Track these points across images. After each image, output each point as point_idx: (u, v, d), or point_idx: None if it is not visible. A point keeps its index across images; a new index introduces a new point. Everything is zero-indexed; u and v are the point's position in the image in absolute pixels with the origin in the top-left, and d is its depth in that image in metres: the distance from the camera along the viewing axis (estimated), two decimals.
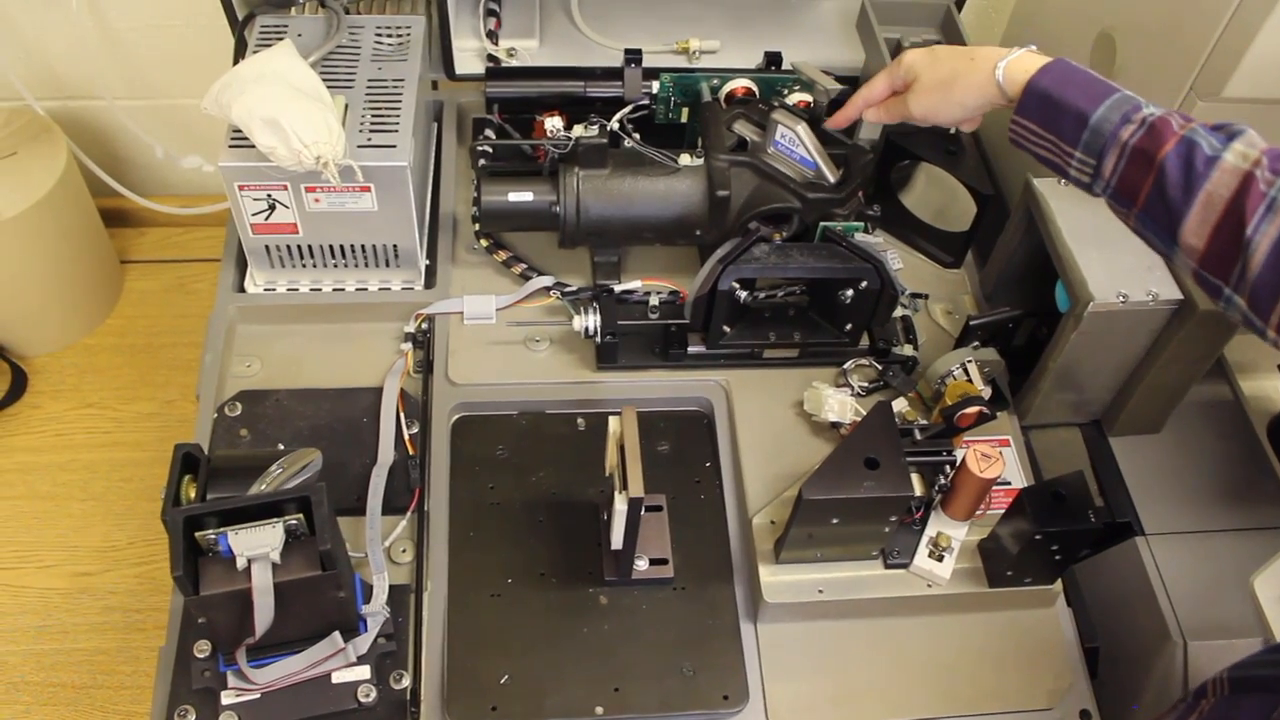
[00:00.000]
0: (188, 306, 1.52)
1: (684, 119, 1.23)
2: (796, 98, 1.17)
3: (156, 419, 1.40)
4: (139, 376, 1.44)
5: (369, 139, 1.06)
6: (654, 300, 1.11)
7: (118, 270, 1.53)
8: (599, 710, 0.93)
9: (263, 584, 0.83)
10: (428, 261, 1.18)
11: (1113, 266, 1.03)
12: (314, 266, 1.15)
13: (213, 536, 0.83)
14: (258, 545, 0.82)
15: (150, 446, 1.38)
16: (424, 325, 1.13)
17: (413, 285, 1.16)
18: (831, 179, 1.09)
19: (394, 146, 1.06)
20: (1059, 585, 1.02)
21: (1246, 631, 0.99)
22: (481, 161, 1.14)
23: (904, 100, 0.99)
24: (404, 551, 1.00)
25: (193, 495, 0.91)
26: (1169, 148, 0.79)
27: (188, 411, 1.40)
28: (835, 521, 0.93)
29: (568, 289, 1.15)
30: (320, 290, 1.16)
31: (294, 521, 0.84)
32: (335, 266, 1.14)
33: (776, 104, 1.13)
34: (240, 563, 0.83)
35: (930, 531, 1.01)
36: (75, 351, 1.46)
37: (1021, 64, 0.89)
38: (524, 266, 1.17)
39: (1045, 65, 0.87)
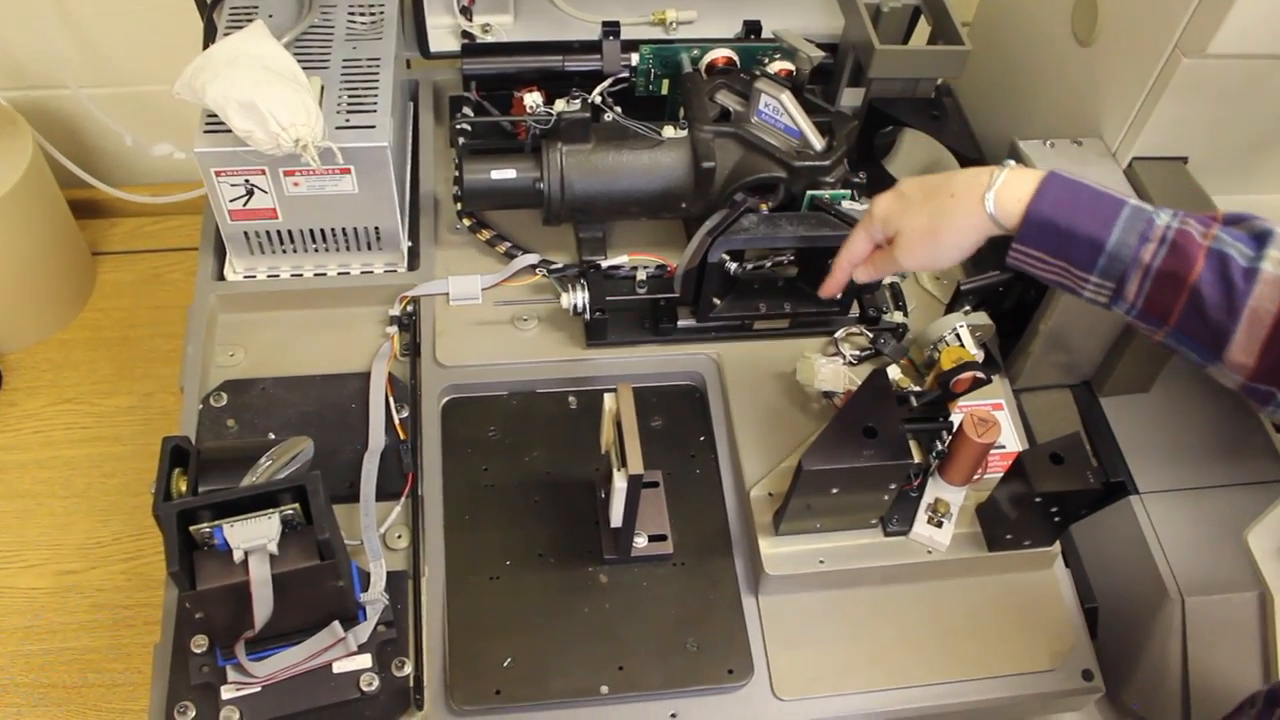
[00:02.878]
0: (163, 297, 1.50)
1: (665, 91, 1.22)
2: (778, 66, 1.16)
3: (136, 412, 1.38)
4: (116, 370, 1.42)
5: (347, 120, 1.05)
6: (641, 275, 1.10)
7: (90, 262, 1.51)
8: (604, 689, 0.93)
9: (261, 576, 0.81)
10: (410, 243, 1.16)
11: None
12: (294, 252, 1.13)
13: (208, 530, 0.82)
14: (255, 537, 0.81)
15: (131, 440, 1.36)
16: (409, 308, 1.12)
17: (396, 268, 1.15)
18: (818, 146, 1.08)
19: (373, 127, 1.04)
20: (1057, 547, 1.02)
21: (1243, 585, 1.00)
22: (461, 140, 1.12)
23: (891, 256, 0.89)
24: (399, 537, 0.99)
25: (183, 489, 0.89)
26: (1199, 267, 0.75)
27: (168, 404, 1.39)
28: (835, 491, 0.93)
29: (554, 266, 1.14)
30: (302, 276, 1.14)
31: (290, 511, 0.83)
32: (316, 251, 1.13)
33: (758, 73, 1.11)
34: (237, 555, 0.81)
35: (928, 498, 1.01)
36: (49, 346, 1.44)
37: (1011, 190, 0.80)
38: (508, 245, 1.16)
39: (1040, 188, 0.79)
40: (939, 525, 1.00)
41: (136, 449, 1.35)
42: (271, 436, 1.01)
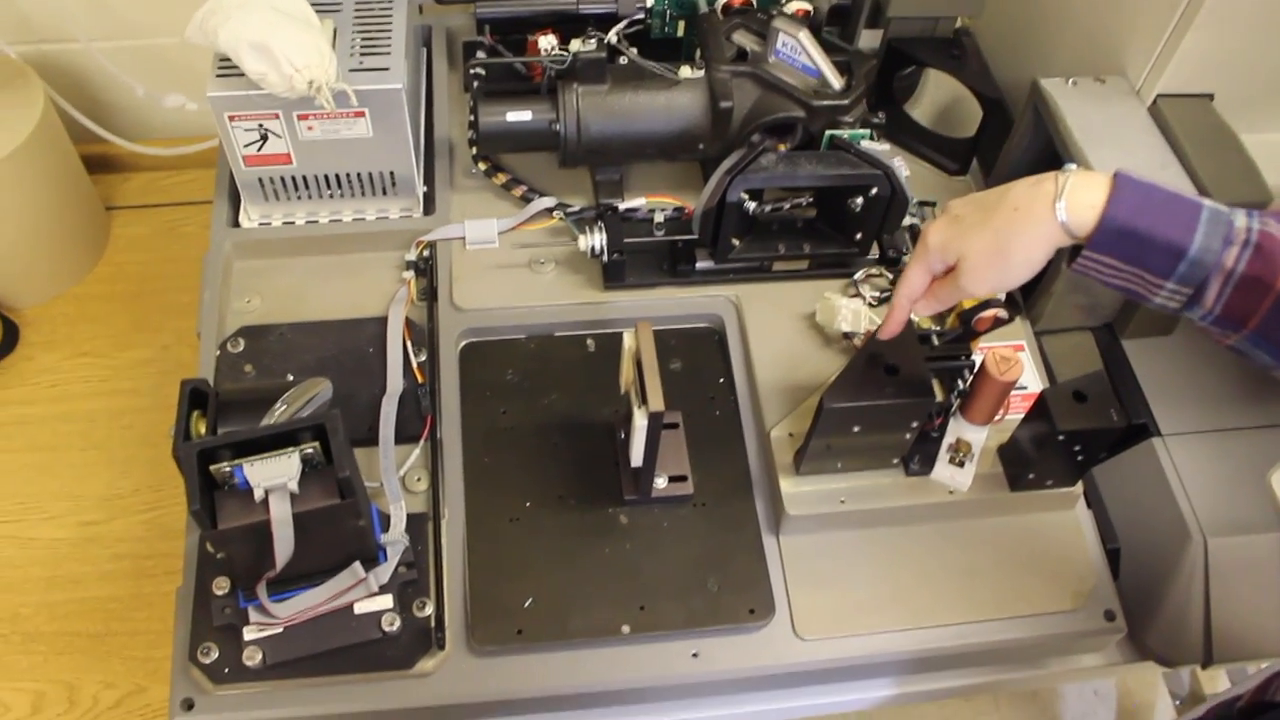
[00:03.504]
0: (178, 250, 1.49)
1: (680, 33, 1.20)
2: (795, 5, 1.14)
3: (153, 365, 1.38)
4: (132, 323, 1.42)
5: (360, 62, 1.04)
6: (659, 217, 1.09)
7: (104, 217, 1.50)
8: (625, 629, 0.93)
9: (281, 515, 0.81)
10: (425, 188, 1.15)
11: (1125, 164, 0.99)
12: (309, 198, 1.12)
13: (228, 469, 0.82)
14: (275, 476, 0.81)
15: (148, 393, 1.36)
16: (425, 252, 1.11)
17: (411, 212, 1.14)
18: (836, 85, 1.07)
19: (387, 69, 1.03)
20: (1080, 487, 1.01)
21: (1266, 527, 0.99)
22: (476, 84, 1.11)
23: (955, 284, 0.84)
24: (419, 480, 0.98)
25: (202, 430, 0.89)
26: None
27: (185, 356, 1.39)
28: (856, 430, 0.92)
29: (570, 209, 1.13)
30: (317, 222, 1.13)
31: (310, 450, 0.82)
32: (331, 197, 1.12)
33: (775, 12, 1.10)
34: (258, 494, 0.81)
35: (950, 438, 1.00)
36: (65, 301, 1.44)
37: (1082, 196, 0.76)
38: (525, 188, 1.15)
39: (1114, 193, 0.75)
40: (960, 465, 1.00)
41: (154, 401, 1.35)
42: (290, 378, 1.01)
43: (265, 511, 0.81)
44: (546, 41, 1.11)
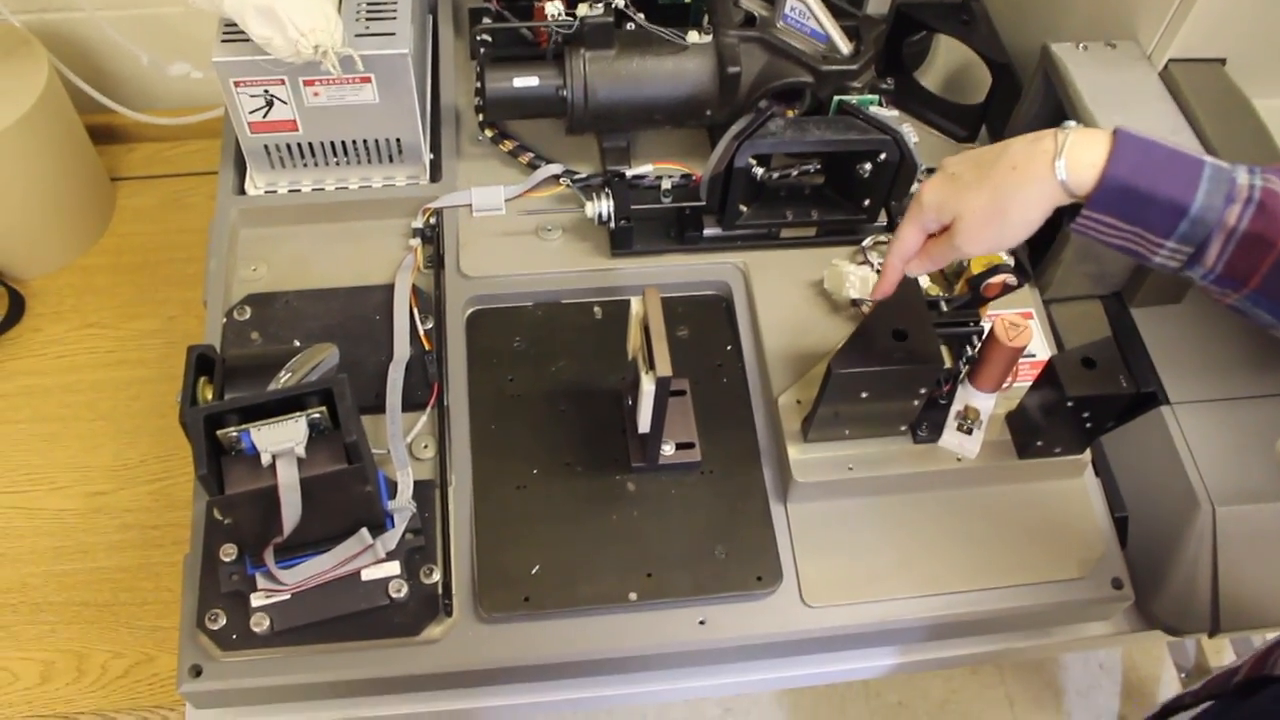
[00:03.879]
0: (183, 221, 1.49)
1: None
2: None
3: (159, 335, 1.38)
4: (138, 294, 1.42)
5: (367, 27, 1.03)
6: (666, 184, 1.08)
7: (109, 188, 1.50)
8: (632, 596, 0.92)
9: (289, 479, 0.81)
10: (432, 155, 1.15)
11: (1136, 130, 1.00)
12: (315, 165, 1.11)
13: (235, 434, 0.81)
14: (282, 440, 0.81)
15: (155, 364, 1.36)
16: (432, 220, 1.10)
17: (418, 180, 1.13)
18: (845, 50, 1.06)
19: (393, 34, 1.02)
20: (1088, 455, 1.01)
21: (1274, 496, 0.99)
22: (482, 50, 1.11)
23: (950, 243, 0.82)
24: (425, 447, 0.98)
25: (209, 396, 0.88)
26: None
27: (191, 327, 1.39)
28: (864, 396, 0.92)
29: (577, 176, 1.13)
30: (323, 189, 1.13)
31: (317, 415, 0.82)
32: (337, 164, 1.11)
33: None
34: (265, 459, 0.81)
35: (958, 405, 1.00)
36: (71, 272, 1.43)
37: (1082, 154, 0.75)
38: (531, 155, 1.14)
39: (1115, 150, 0.74)
40: (968, 433, 0.99)
41: (161, 372, 1.35)
42: (296, 344, 1.01)
43: (272, 477, 0.81)
44: (553, 7, 1.10)
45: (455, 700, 0.95)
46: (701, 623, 0.93)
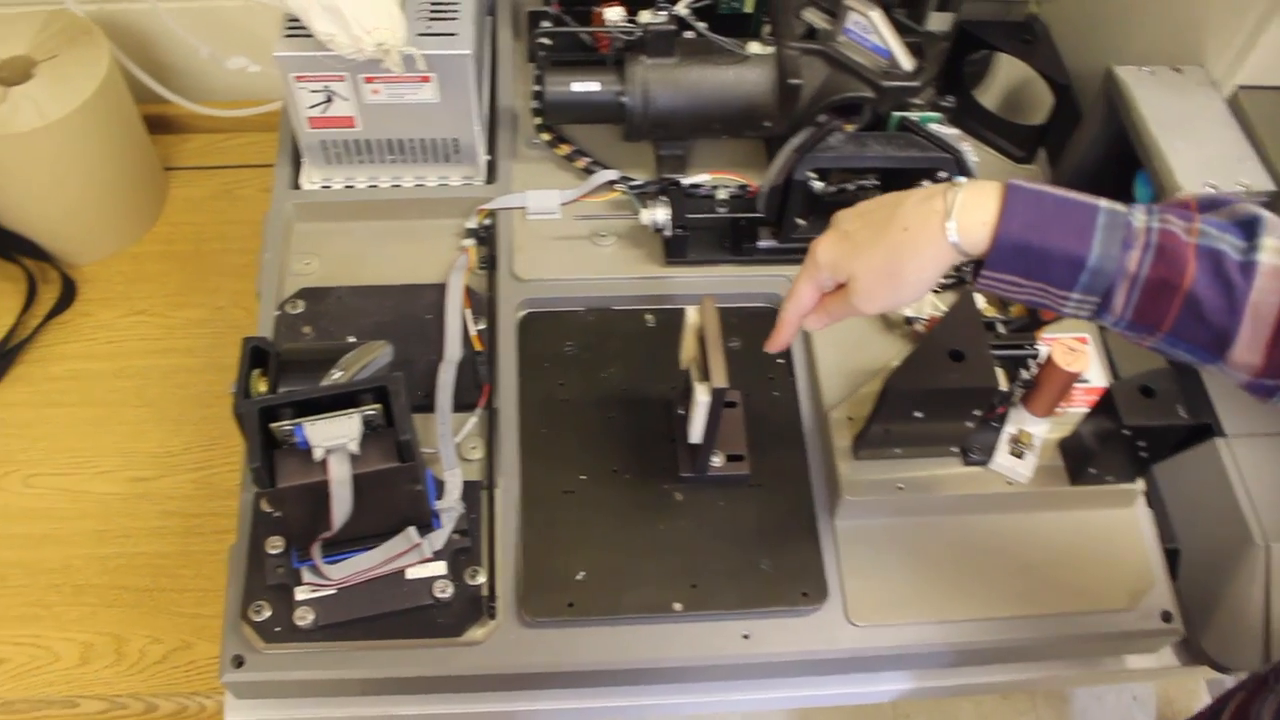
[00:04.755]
0: (234, 213, 1.49)
1: (748, 8, 1.19)
2: None
3: (207, 325, 1.38)
4: (188, 283, 1.42)
5: (429, 27, 1.03)
6: (722, 194, 1.08)
7: (163, 177, 1.51)
8: (677, 606, 0.92)
9: (341, 476, 0.81)
10: (488, 156, 1.15)
11: (1201, 156, 1.00)
12: (371, 162, 1.12)
13: (288, 428, 0.81)
14: (336, 436, 0.81)
15: (202, 353, 1.36)
16: (486, 221, 1.10)
17: (473, 180, 1.14)
18: (907, 66, 1.05)
19: (455, 35, 1.02)
20: (1141, 485, 1.00)
21: None
22: (542, 53, 1.11)
23: (846, 302, 0.81)
24: (474, 449, 0.98)
25: (262, 389, 0.89)
26: (1192, 269, 0.69)
27: (238, 318, 1.39)
28: (918, 415, 0.91)
29: (634, 183, 1.12)
30: (377, 186, 1.13)
31: (371, 412, 0.82)
32: (393, 162, 1.12)
33: None
34: (317, 454, 0.81)
35: (1010, 428, 0.99)
36: (123, 259, 1.44)
37: (972, 214, 0.73)
38: (588, 160, 1.14)
39: (1005, 208, 0.72)
40: (1020, 456, 0.98)
41: (208, 361, 1.35)
42: (351, 340, 1.01)
43: (324, 472, 0.81)
44: (613, 13, 1.10)
45: (494, 703, 0.95)
46: (745, 636, 0.93)
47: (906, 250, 0.76)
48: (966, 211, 0.73)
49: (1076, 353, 0.93)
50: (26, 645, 1.14)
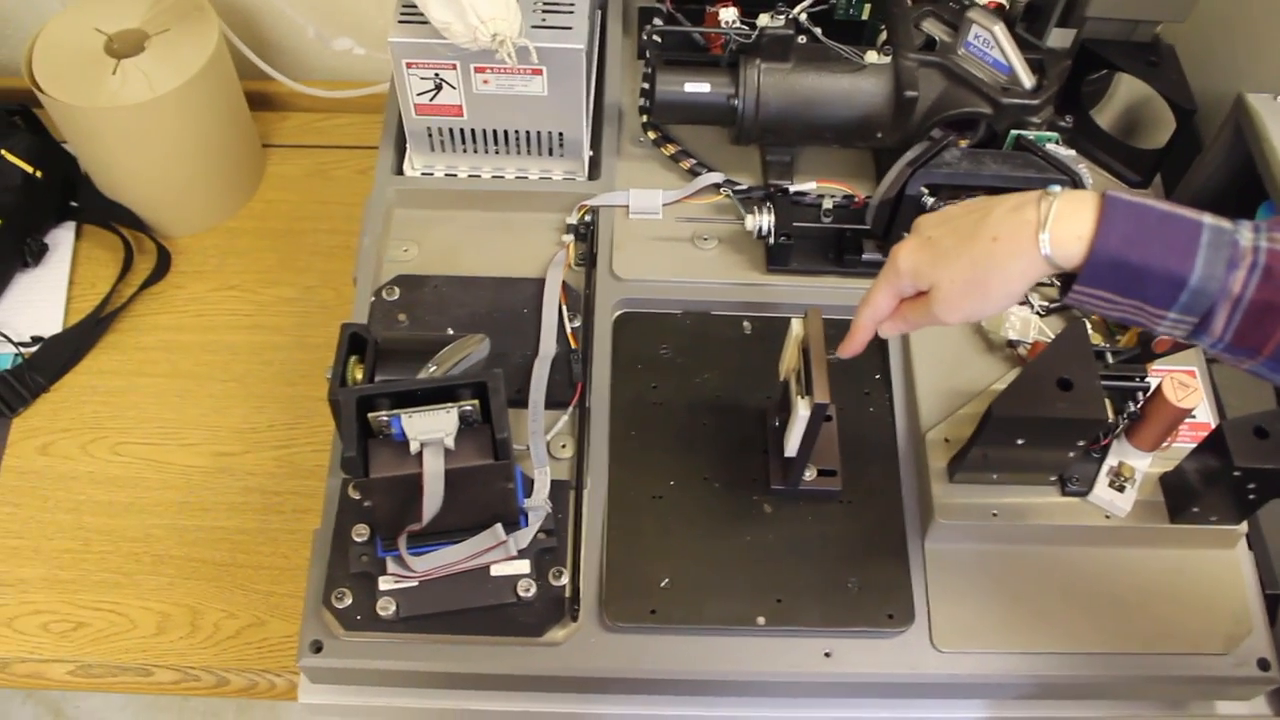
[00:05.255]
0: (328, 193, 1.50)
1: (865, 16, 1.17)
2: None
3: (297, 304, 1.39)
4: (279, 261, 1.43)
5: (543, 19, 1.02)
6: (828, 203, 1.06)
7: (260, 154, 1.52)
8: (760, 620, 0.91)
9: (435, 469, 0.80)
10: (592, 152, 1.14)
11: None
12: (474, 152, 1.11)
13: (385, 419, 0.81)
14: (433, 430, 0.80)
15: (290, 331, 1.37)
16: (587, 217, 1.10)
17: (575, 176, 1.13)
18: (1027, 84, 1.03)
19: (569, 29, 1.02)
20: (1244, 527, 0.96)
21: None
22: (653, 51, 1.09)
23: (927, 311, 0.78)
24: (564, 447, 0.97)
25: (358, 377, 0.88)
26: None
27: (327, 298, 1.39)
28: (1020, 442, 0.89)
29: (738, 187, 1.11)
30: (479, 176, 1.13)
31: (468, 408, 0.82)
32: (496, 153, 1.11)
33: (969, 2, 1.06)
34: (413, 447, 0.80)
35: (1112, 461, 0.96)
36: (217, 234, 1.45)
37: (1068, 226, 0.69)
38: (693, 161, 1.13)
39: (1103, 221, 0.68)
40: (1120, 490, 0.95)
41: (295, 340, 1.36)
42: (450, 332, 1.00)
43: (418, 464, 0.81)
44: (728, 13, 1.08)
45: (570, 704, 0.94)
46: (827, 655, 0.91)
47: (994, 261, 0.73)
48: (1061, 223, 0.70)
49: (1189, 388, 0.90)
50: (106, 611, 1.16)
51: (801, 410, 0.84)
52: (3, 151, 1.29)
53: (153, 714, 1.97)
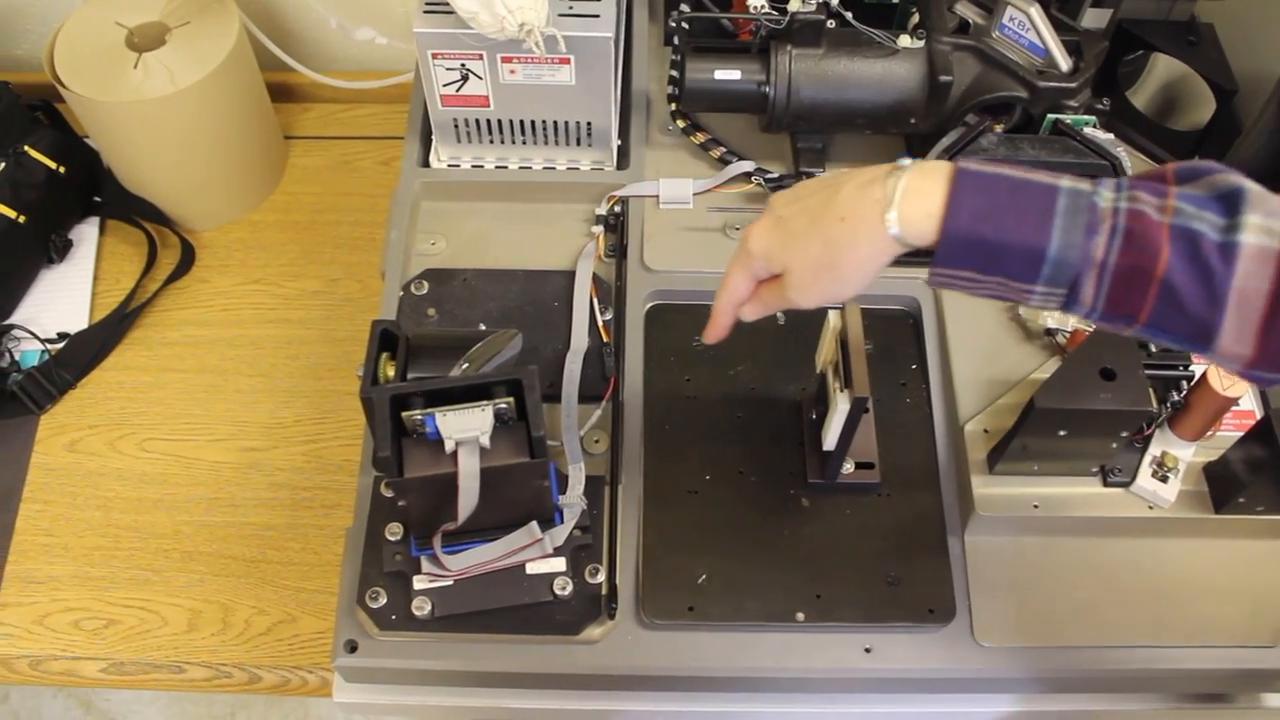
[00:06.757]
0: (351, 184, 1.49)
1: (896, 0, 1.15)
2: None
3: (321, 297, 1.38)
4: (303, 253, 1.42)
5: (570, 7, 1.01)
6: None
7: (283, 146, 1.51)
8: (800, 616, 0.89)
9: (470, 468, 0.79)
10: (620, 142, 1.12)
11: None
12: (501, 142, 1.10)
13: (419, 417, 0.80)
14: (468, 428, 0.79)
15: (315, 324, 1.36)
16: (616, 208, 1.08)
17: (603, 166, 1.11)
18: (1064, 67, 1.01)
19: (597, 16, 1.00)
20: None
21: None
22: (681, 38, 1.08)
23: (782, 294, 0.74)
24: (597, 442, 0.96)
25: (390, 374, 0.87)
26: (1165, 255, 0.61)
27: (352, 290, 1.38)
28: (1062, 434, 0.87)
29: (770, 175, 1.09)
30: (506, 167, 1.11)
31: (503, 405, 0.81)
32: (524, 143, 1.10)
33: None
34: (448, 445, 0.79)
35: (1154, 450, 0.95)
36: (241, 227, 1.44)
37: (916, 204, 0.65)
38: (723, 150, 1.11)
39: (953, 197, 0.64)
40: (1164, 480, 0.94)
41: (320, 333, 1.35)
42: (482, 327, 0.99)
43: (453, 463, 0.80)
44: None
45: (606, 702, 0.93)
46: (868, 650, 0.90)
47: (843, 243, 0.69)
48: (909, 200, 0.66)
49: (1234, 377, 0.88)
50: (137, 608, 1.15)
51: (841, 404, 0.83)
52: (26, 148, 1.28)
53: (182, 706, 1.98)
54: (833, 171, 0.74)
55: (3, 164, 1.25)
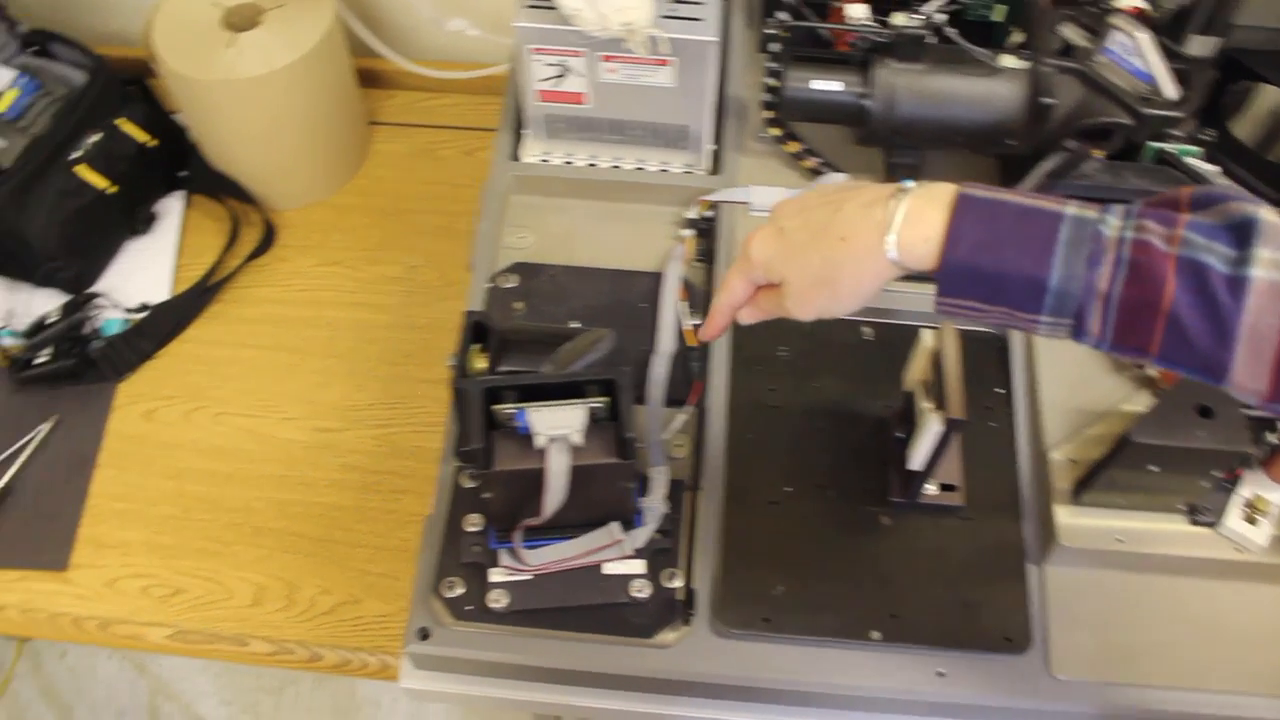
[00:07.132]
0: (433, 173, 1.49)
1: (997, 17, 1.13)
2: (1129, 2, 1.06)
3: (400, 283, 1.39)
4: (383, 239, 1.43)
5: (674, 9, 1.01)
6: None
7: (367, 131, 1.52)
8: (874, 635, 0.89)
9: (560, 466, 0.79)
10: (713, 146, 1.12)
11: None
12: (594, 140, 1.10)
13: (510, 411, 0.80)
14: (560, 426, 0.79)
15: (392, 310, 1.36)
16: (706, 212, 1.08)
17: (694, 169, 1.11)
18: (1171, 94, 0.99)
19: (701, 20, 1.00)
20: None
21: None
22: (779, 46, 1.07)
23: (779, 303, 0.75)
24: (679, 446, 0.96)
25: (480, 365, 0.88)
26: (1171, 288, 0.59)
27: (431, 279, 1.39)
28: (1154, 469, 0.86)
29: None
30: (595, 165, 1.11)
31: (597, 405, 0.81)
32: (617, 142, 1.10)
33: (1110, 7, 1.02)
34: (539, 441, 0.80)
35: (1245, 492, 0.93)
36: (322, 209, 1.45)
37: (917, 229, 0.65)
38: (817, 161, 1.10)
39: (953, 227, 0.64)
40: (1253, 523, 0.92)
41: (397, 319, 1.35)
42: (573, 325, 0.99)
43: (541, 459, 0.80)
44: (857, 10, 1.06)
45: (675, 707, 0.92)
46: (940, 674, 0.89)
47: (842, 262, 0.69)
48: (910, 226, 0.65)
49: None
50: (204, 579, 1.16)
51: (934, 424, 0.82)
52: (120, 121, 1.29)
53: (232, 677, 2.00)
54: (840, 183, 0.75)
55: (98, 135, 1.27)
